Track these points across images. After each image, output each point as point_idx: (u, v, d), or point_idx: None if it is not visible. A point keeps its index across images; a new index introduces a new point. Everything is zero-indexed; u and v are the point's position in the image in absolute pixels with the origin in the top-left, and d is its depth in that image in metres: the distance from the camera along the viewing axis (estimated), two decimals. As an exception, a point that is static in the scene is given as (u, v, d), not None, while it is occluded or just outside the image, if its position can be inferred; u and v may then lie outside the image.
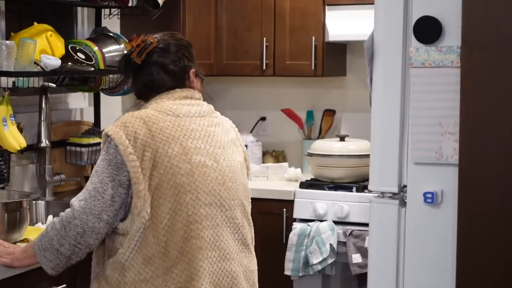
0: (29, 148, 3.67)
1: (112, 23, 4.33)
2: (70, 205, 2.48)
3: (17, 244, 2.81)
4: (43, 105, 3.78)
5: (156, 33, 2.67)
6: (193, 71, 2.67)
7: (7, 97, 3.48)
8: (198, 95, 2.68)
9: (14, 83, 3.39)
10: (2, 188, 3.53)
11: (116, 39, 4.07)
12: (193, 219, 2.48)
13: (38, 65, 3.52)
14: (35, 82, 3.50)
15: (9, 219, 2.76)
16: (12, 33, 3.69)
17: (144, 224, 2.44)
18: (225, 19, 4.77)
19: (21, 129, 3.60)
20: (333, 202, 3.97)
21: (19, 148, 3.50)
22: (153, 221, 2.45)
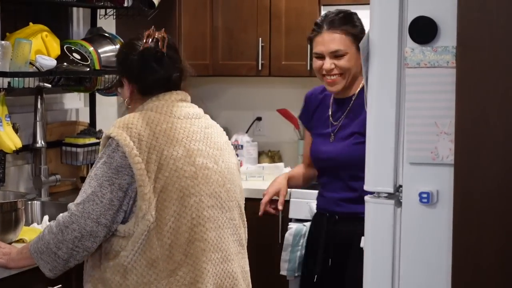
0: (24, 148, 3.67)
1: (107, 23, 4.33)
2: (67, 209, 2.46)
3: (13, 244, 2.81)
4: (39, 106, 3.78)
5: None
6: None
7: (2, 97, 3.48)
8: (189, 97, 2.69)
9: (9, 83, 3.39)
10: (-2, 188, 3.53)
11: (111, 40, 4.07)
12: (197, 221, 2.49)
13: (33, 65, 3.52)
14: (31, 82, 3.50)
15: (4, 219, 2.76)
16: (8, 34, 3.69)
17: (148, 227, 2.42)
18: (220, 20, 4.77)
19: (16, 130, 3.59)
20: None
21: (14, 149, 3.50)
22: (158, 223, 2.44)
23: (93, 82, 3.98)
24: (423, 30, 2.18)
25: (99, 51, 3.93)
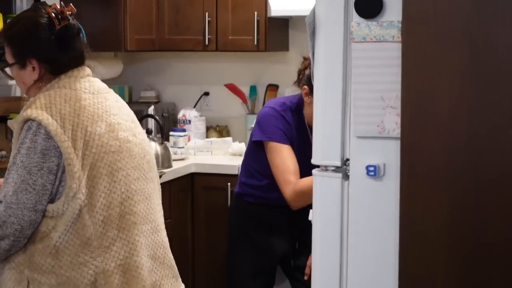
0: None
1: (51, -3, 4.27)
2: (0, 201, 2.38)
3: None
4: (-18, 81, 3.72)
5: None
6: None
7: None
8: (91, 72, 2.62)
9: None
10: None
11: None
12: (126, 195, 2.48)
13: (-24, 40, 3.46)
14: (-26, 57, 3.44)
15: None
16: (-51, 8, 3.62)
17: (80, 205, 2.39)
18: (167, -6, 4.74)
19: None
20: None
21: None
22: (89, 201, 2.40)
23: (37, 57, 3.92)
24: (368, 5, 2.20)
25: (44, 25, 3.88)
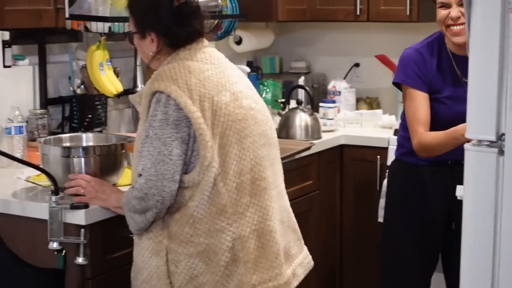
0: (125, 92, 3.73)
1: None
2: (138, 176, 2.43)
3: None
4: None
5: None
6: None
7: (103, 42, 3.54)
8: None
9: (110, 28, 3.44)
10: (100, 131, 3.61)
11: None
12: (255, 161, 2.53)
13: (134, 10, 3.55)
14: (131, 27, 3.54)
15: (107, 162, 2.82)
16: (109, -21, 3.73)
17: (214, 174, 2.43)
18: (319, -36, 4.71)
19: (117, 74, 3.66)
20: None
21: (115, 93, 3.57)
22: (222, 169, 2.45)
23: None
24: (530, -27, 2.11)
25: (198, -4, 3.94)
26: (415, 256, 3.33)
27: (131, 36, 2.65)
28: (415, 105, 3.22)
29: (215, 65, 2.56)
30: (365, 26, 4.89)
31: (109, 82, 3.55)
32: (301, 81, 4.83)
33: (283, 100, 4.49)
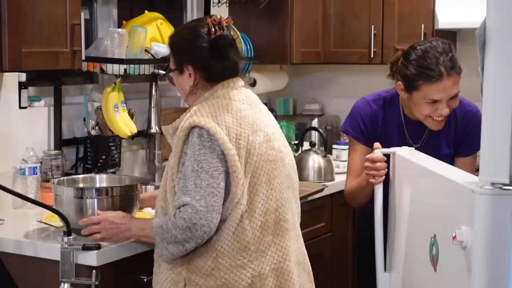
0: (139, 134, 3.75)
1: (220, 11, 4.37)
2: (182, 206, 2.44)
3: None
4: (153, 92, 3.85)
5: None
6: None
7: (119, 84, 3.56)
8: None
9: (125, 70, 3.46)
10: (114, 172, 3.62)
11: (226, 27, 4.10)
12: (280, 202, 2.58)
13: (148, 52, 3.59)
14: (146, 69, 3.57)
15: (120, 203, 2.82)
16: (124, 21, 3.77)
17: (242, 211, 2.48)
18: (333, 7, 4.75)
19: (132, 115, 3.68)
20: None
21: (130, 134, 3.58)
22: (249, 207, 2.50)
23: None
24: (543, 17, 2.11)
25: (212, 38, 3.97)
26: None
27: (169, 75, 2.72)
28: (352, 156, 3.27)
29: (251, 106, 2.61)
30: (379, 68, 4.90)
31: (124, 124, 3.56)
32: (314, 123, 4.84)
33: (297, 142, 4.50)
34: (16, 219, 3.14)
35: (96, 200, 2.77)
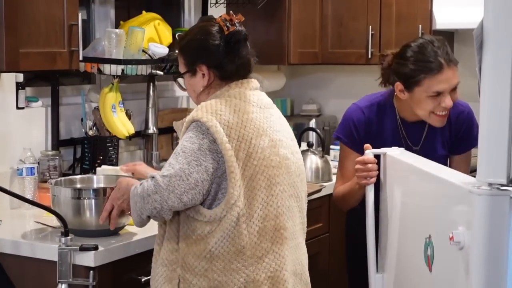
0: (137, 134, 3.75)
1: (218, 11, 4.37)
2: (151, 178, 2.45)
3: (126, 227, 2.88)
4: (151, 93, 3.85)
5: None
6: None
7: (116, 84, 3.56)
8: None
9: (123, 70, 3.46)
10: (111, 173, 3.61)
11: (222, 28, 4.10)
12: (281, 210, 2.53)
13: (146, 53, 3.59)
14: (143, 70, 3.57)
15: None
16: (121, 22, 3.77)
17: (238, 213, 2.45)
18: (330, 8, 4.75)
19: (129, 116, 3.68)
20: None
21: (127, 134, 3.58)
22: (247, 211, 2.47)
23: (203, 70, 4.02)
24: (540, 18, 2.11)
25: (210, 39, 3.97)
26: None
27: (179, 79, 2.70)
28: (343, 162, 3.24)
29: (262, 109, 2.58)
30: (376, 69, 4.89)
31: (121, 124, 3.56)
32: (312, 123, 4.84)
33: (294, 143, 4.49)
34: (13, 219, 3.14)
35: (93, 201, 2.77)
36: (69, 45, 3.08)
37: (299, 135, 4.52)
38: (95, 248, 2.63)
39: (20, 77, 3.36)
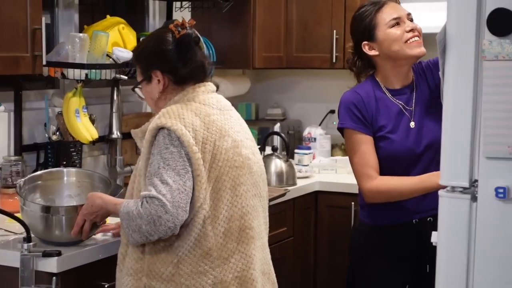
0: (100, 139, 3.73)
1: (183, 16, 4.36)
2: (149, 198, 2.39)
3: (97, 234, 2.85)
4: (115, 97, 3.83)
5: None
6: None
7: (79, 89, 3.54)
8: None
9: (86, 75, 3.44)
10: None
11: (186, 32, 4.10)
12: (246, 210, 2.56)
13: (110, 57, 3.57)
14: (107, 74, 3.55)
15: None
16: (85, 26, 3.75)
17: (204, 216, 2.46)
18: (295, 12, 4.76)
19: (93, 121, 3.65)
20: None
21: (91, 139, 3.56)
22: (213, 212, 2.48)
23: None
24: (501, 22, 2.14)
25: (174, 43, 3.96)
26: None
27: (136, 90, 2.71)
28: (359, 149, 3.07)
29: (221, 111, 2.60)
30: (341, 73, 4.92)
31: (85, 129, 3.54)
32: (276, 127, 4.85)
33: (259, 147, 4.49)
34: (-25, 225, 3.10)
35: (64, 218, 2.71)
36: (32, 49, 3.06)
37: (263, 139, 4.52)
38: (58, 254, 2.61)
39: (-18, 82, 3.32)
